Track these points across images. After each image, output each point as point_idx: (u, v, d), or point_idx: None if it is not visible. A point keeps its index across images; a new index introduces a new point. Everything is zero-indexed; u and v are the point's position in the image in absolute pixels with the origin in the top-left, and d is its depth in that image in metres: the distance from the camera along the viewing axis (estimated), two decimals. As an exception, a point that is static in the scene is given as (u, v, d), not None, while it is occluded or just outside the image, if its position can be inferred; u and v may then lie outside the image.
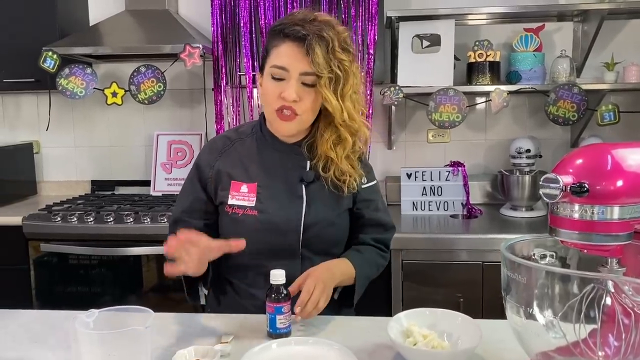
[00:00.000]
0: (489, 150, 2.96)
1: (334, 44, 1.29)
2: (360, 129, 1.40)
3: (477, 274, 2.32)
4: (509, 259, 0.92)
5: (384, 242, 1.55)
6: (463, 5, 2.73)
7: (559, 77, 2.66)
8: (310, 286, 1.25)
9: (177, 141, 3.08)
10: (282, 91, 1.31)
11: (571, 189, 0.84)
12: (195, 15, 3.03)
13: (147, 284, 2.61)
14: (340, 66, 1.30)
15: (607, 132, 2.72)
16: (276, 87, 1.32)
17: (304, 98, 1.32)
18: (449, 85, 2.60)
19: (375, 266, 1.51)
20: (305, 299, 1.23)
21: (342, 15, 2.66)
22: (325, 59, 1.28)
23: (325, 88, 1.30)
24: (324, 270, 1.33)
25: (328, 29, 1.30)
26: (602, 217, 0.86)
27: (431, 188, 2.74)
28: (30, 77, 2.81)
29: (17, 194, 3.06)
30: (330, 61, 1.28)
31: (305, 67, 1.29)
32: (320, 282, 1.27)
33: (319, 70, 1.27)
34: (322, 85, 1.29)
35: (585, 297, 0.86)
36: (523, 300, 0.92)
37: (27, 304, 2.62)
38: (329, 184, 1.40)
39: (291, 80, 1.30)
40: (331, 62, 1.29)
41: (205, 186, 1.44)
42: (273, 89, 1.32)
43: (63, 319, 1.34)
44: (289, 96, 1.30)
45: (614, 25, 2.77)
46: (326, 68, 1.28)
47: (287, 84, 1.31)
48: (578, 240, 0.88)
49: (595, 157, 0.87)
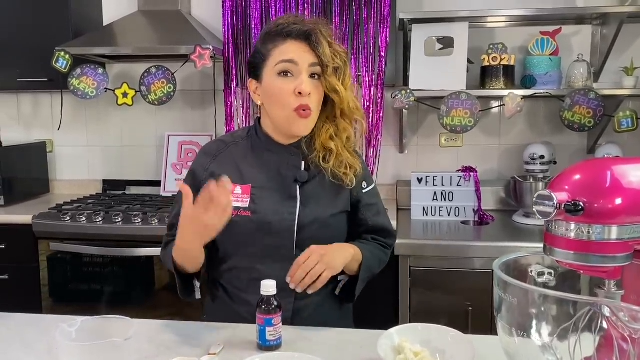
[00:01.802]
0: (503, 155, 2.90)
1: (331, 37, 1.35)
2: (362, 118, 1.44)
3: (487, 282, 2.26)
4: (502, 279, 0.87)
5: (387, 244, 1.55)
6: (477, 7, 2.68)
7: (576, 82, 2.58)
8: (305, 256, 1.28)
9: (187, 142, 3.07)
10: (296, 87, 1.32)
11: (565, 207, 0.80)
12: (207, 17, 3.02)
13: (155, 285, 2.61)
14: (340, 57, 1.35)
15: (625, 138, 2.64)
16: (287, 84, 1.33)
17: (313, 92, 1.34)
18: (461, 89, 2.55)
19: (379, 261, 1.50)
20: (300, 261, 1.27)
21: (354, 17, 2.63)
22: (329, 50, 1.33)
23: (333, 77, 1.33)
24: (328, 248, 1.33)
25: (321, 25, 1.36)
26: (600, 237, 0.81)
27: (442, 193, 2.69)
28: (44, 76, 2.83)
29: (30, 192, 3.08)
30: (332, 52, 1.33)
31: (313, 58, 1.33)
32: (316, 253, 1.28)
33: (327, 60, 1.31)
34: (330, 75, 1.33)
35: (582, 319, 0.82)
36: (515, 321, 0.88)
37: (36, 302, 2.64)
38: (329, 174, 1.40)
39: (302, 74, 1.33)
40: (333, 54, 1.34)
41: (199, 190, 1.42)
42: (283, 86, 1.33)
43: (53, 324, 1.33)
44: (305, 88, 1.31)
45: (634, 29, 2.69)
46: (331, 59, 1.33)
47: (297, 79, 1.32)
48: (574, 261, 0.84)
49: (594, 173, 0.83)
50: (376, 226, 1.51)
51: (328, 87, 1.35)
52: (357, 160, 1.44)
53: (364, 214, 1.49)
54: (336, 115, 1.40)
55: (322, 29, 1.34)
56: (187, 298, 1.41)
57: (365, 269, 1.41)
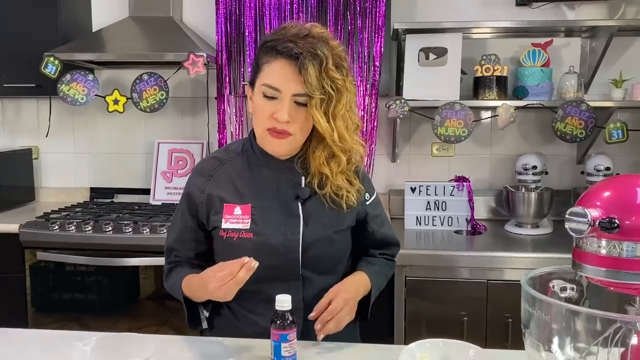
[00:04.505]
0: (494, 165, 2.93)
1: (327, 62, 1.23)
2: (351, 148, 1.34)
3: (481, 292, 2.28)
4: (531, 294, 0.87)
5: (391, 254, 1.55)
6: (471, 18, 2.70)
7: (567, 93, 2.63)
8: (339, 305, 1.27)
9: (178, 149, 3.04)
10: (274, 112, 1.26)
11: (600, 224, 0.80)
12: (199, 23, 3.00)
13: (144, 294, 2.57)
14: (333, 85, 1.24)
15: (614, 150, 2.69)
16: (268, 106, 1.27)
17: (296, 118, 1.27)
18: (455, 99, 2.57)
19: (385, 277, 1.51)
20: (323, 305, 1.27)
21: (349, 26, 2.63)
22: (317, 78, 1.22)
23: (316, 109, 1.24)
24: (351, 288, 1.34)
25: (322, 45, 1.24)
26: (632, 254, 0.82)
27: (435, 203, 2.70)
28: (32, 82, 2.78)
29: (15, 200, 3.01)
30: (323, 81, 1.23)
31: (298, 87, 1.24)
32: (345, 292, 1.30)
33: (311, 91, 1.22)
34: (313, 106, 1.24)
35: (611, 336, 0.82)
36: (544, 337, 0.88)
37: (21, 312, 2.57)
38: (328, 200, 1.35)
39: (284, 101, 1.25)
40: (324, 82, 1.23)
41: (196, 213, 1.39)
42: (264, 107, 1.27)
43: (56, 340, 1.29)
44: (281, 117, 1.25)
45: (623, 42, 2.74)
46: (318, 89, 1.23)
47: (279, 104, 1.25)
48: (605, 278, 0.84)
49: (625, 190, 0.83)
50: (383, 239, 1.50)
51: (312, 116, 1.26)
52: (356, 184, 1.39)
53: (371, 227, 1.46)
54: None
55: (320, 50, 1.23)
56: (195, 328, 1.38)
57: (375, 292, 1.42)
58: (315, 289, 1.36)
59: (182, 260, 1.42)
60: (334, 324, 1.26)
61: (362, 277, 1.41)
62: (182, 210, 1.41)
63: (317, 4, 2.64)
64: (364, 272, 1.42)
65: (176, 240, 1.43)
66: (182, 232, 1.41)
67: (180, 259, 1.42)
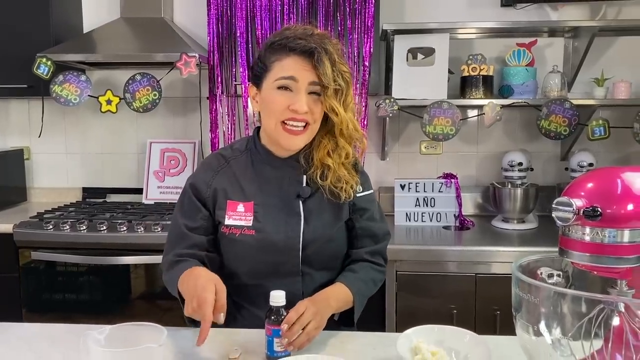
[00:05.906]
0: (481, 162, 3.00)
1: (335, 56, 1.31)
2: (360, 138, 1.41)
3: (469, 285, 2.34)
4: (521, 279, 0.93)
5: (379, 252, 1.51)
6: (457, 19, 2.77)
7: (551, 92, 2.70)
8: (301, 307, 1.21)
9: (170, 149, 3.07)
10: (291, 103, 1.30)
11: (584, 213, 0.87)
12: (189, 24, 3.03)
13: (137, 293, 2.59)
14: (343, 77, 1.32)
15: (596, 146, 2.77)
16: (284, 98, 1.31)
17: (313, 108, 1.32)
18: (442, 98, 2.63)
19: (373, 283, 1.48)
20: (292, 318, 1.18)
21: (339, 27, 2.68)
22: (332, 70, 1.29)
23: (333, 99, 1.31)
24: (321, 298, 1.30)
25: (328, 42, 1.32)
26: (613, 240, 0.88)
27: (424, 199, 2.76)
28: (24, 83, 2.79)
29: (6, 201, 3.02)
30: (335, 73, 1.30)
31: (314, 77, 1.30)
32: (312, 305, 1.23)
33: (328, 81, 1.29)
34: (330, 96, 1.30)
35: (595, 317, 0.88)
36: (533, 319, 0.93)
37: (16, 311, 2.59)
38: (327, 191, 1.39)
39: (301, 92, 1.31)
40: (335, 74, 1.30)
41: (205, 203, 1.41)
42: (280, 100, 1.31)
43: (64, 333, 1.33)
44: (301, 108, 1.30)
45: (604, 42, 2.83)
46: (333, 80, 1.30)
47: (296, 96, 1.31)
48: (589, 263, 0.90)
49: (607, 181, 0.90)
50: (364, 230, 1.48)
51: (327, 107, 1.32)
52: (354, 176, 1.43)
53: (353, 218, 1.46)
54: (335, 132, 1.38)
55: (328, 46, 1.31)
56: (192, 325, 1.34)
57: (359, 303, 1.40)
58: (315, 284, 1.41)
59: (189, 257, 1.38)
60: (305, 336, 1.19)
61: (339, 288, 1.38)
62: (192, 200, 1.41)
63: (307, 5, 2.68)
64: (345, 283, 1.39)
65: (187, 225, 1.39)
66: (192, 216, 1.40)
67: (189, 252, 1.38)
